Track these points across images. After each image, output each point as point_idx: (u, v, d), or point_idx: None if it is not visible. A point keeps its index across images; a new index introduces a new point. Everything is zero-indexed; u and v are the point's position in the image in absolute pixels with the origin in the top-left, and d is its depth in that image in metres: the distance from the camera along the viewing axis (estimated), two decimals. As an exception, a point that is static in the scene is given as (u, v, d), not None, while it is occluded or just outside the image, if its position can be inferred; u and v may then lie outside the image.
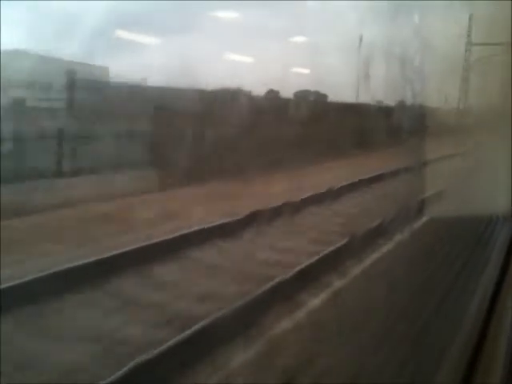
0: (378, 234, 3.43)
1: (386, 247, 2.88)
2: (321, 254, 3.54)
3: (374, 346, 0.82)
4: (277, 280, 3.02)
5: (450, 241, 1.16)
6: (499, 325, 0.98)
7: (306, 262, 3.42)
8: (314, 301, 2.55)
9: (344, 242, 3.66)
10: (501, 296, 1.11)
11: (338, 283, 2.72)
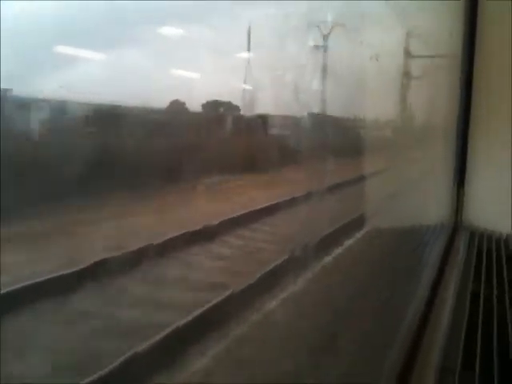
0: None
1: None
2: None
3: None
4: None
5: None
6: (435, 327, 1.06)
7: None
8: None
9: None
10: (437, 299, 1.19)
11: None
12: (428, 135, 1.57)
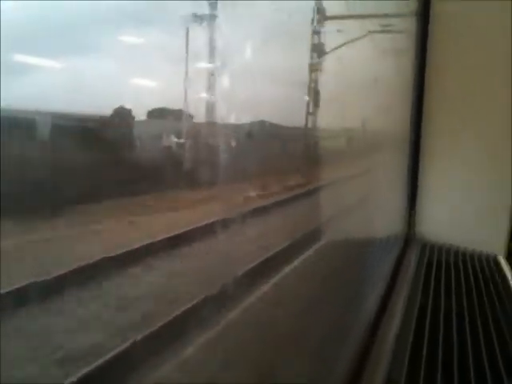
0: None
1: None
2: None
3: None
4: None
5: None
6: (383, 339, 1.07)
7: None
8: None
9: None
10: (386, 311, 1.20)
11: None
12: (383, 145, 1.59)
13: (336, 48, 1.05)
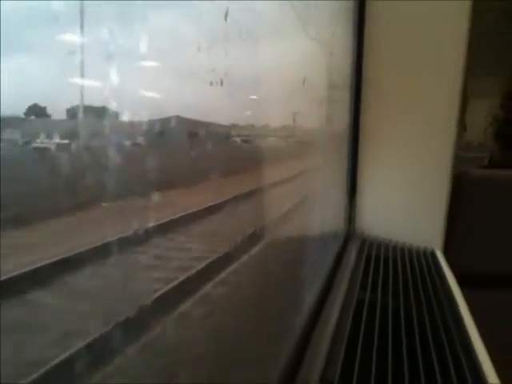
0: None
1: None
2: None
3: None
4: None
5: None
6: (320, 336, 1.05)
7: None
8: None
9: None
10: (325, 307, 1.18)
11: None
12: (324, 144, 1.58)
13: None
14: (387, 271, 1.41)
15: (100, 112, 0.50)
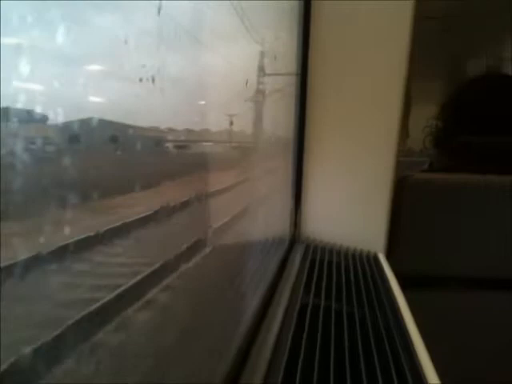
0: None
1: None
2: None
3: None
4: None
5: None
6: (263, 341, 1.04)
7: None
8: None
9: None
10: (268, 312, 1.17)
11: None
12: (269, 148, 1.58)
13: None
14: (331, 275, 1.42)
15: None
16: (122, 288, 0.72)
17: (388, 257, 1.78)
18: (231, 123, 0.94)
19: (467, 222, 1.85)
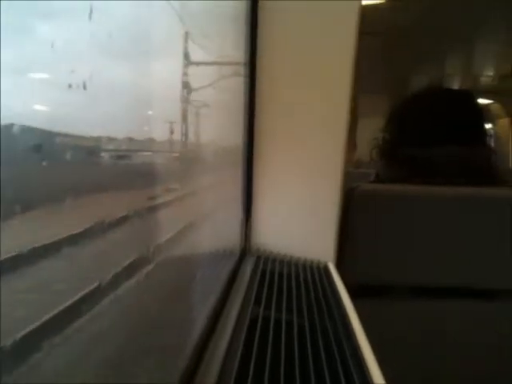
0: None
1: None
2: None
3: None
4: None
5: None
6: (212, 356, 1.01)
7: None
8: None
9: None
10: (218, 326, 1.15)
11: None
12: (217, 159, 1.57)
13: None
14: (281, 286, 1.41)
15: None
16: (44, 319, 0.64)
17: (338, 267, 1.80)
18: (172, 132, 0.91)
19: (413, 231, 1.89)
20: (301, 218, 1.85)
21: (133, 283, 0.80)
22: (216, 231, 1.58)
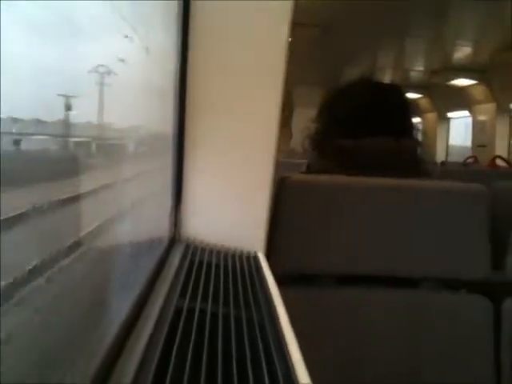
0: None
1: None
2: None
3: None
4: None
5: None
6: (132, 348, 0.99)
7: None
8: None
9: None
10: (141, 317, 1.13)
11: None
12: (144, 145, 1.52)
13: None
14: (209, 277, 1.40)
15: None
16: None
17: (268, 256, 1.81)
18: (68, 108, 0.75)
19: (340, 221, 1.93)
20: (231, 206, 1.84)
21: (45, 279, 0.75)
22: (145, 220, 1.53)
